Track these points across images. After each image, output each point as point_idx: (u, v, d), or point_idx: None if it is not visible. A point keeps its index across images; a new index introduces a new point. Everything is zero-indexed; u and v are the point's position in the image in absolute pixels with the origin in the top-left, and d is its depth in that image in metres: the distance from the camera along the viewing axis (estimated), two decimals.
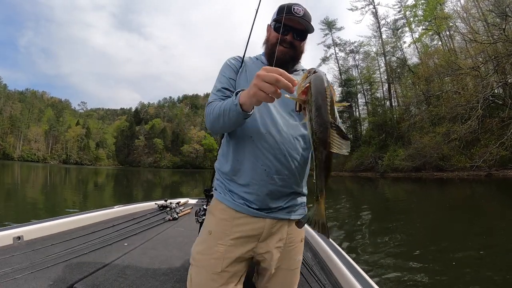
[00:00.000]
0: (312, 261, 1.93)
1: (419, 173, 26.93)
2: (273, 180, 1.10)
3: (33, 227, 2.12)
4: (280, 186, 1.11)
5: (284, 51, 1.16)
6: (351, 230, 6.42)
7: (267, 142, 1.10)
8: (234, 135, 1.16)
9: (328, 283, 1.64)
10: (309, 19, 1.15)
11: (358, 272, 1.55)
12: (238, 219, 1.11)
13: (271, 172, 1.09)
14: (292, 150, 1.12)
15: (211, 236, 1.12)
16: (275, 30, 1.18)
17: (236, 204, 1.11)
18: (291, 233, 1.18)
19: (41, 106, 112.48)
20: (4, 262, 1.65)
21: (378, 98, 47.02)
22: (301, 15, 1.12)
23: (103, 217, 2.79)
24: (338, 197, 12.38)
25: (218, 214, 1.15)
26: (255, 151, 1.10)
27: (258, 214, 1.10)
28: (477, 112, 20.98)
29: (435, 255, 4.37)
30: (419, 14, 36.94)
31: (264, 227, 1.10)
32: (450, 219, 7.15)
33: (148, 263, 1.83)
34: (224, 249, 1.08)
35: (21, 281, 1.44)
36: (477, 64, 22.46)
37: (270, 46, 1.20)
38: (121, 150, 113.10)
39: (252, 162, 1.11)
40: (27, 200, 10.19)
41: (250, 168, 1.11)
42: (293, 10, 1.12)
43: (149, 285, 1.54)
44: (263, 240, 1.12)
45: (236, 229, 1.10)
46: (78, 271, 1.61)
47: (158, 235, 2.44)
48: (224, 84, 1.18)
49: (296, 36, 1.16)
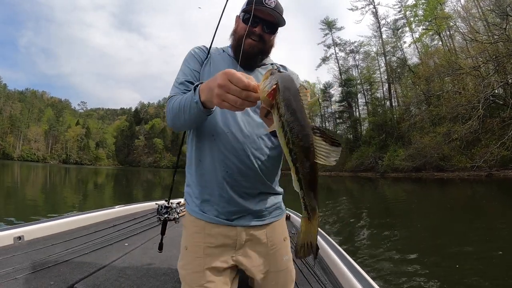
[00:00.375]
0: (313, 261, 1.92)
1: (419, 173, 26.94)
2: (237, 182, 1.04)
3: (33, 227, 2.11)
4: (246, 187, 1.06)
5: (253, 44, 1.08)
6: (351, 231, 6.40)
7: (229, 142, 1.03)
8: (195, 134, 1.11)
9: (328, 282, 1.63)
10: (280, 11, 1.07)
11: (358, 272, 1.54)
12: (210, 230, 1.06)
13: (233, 174, 1.04)
14: (256, 150, 1.05)
15: (187, 251, 1.08)
16: (244, 21, 1.09)
17: (204, 215, 1.07)
18: (270, 235, 1.12)
19: (41, 106, 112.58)
20: (5, 262, 1.65)
21: (378, 98, 47.01)
22: (273, 6, 1.05)
23: (104, 217, 2.78)
24: (338, 198, 12.40)
25: (190, 227, 1.11)
26: (217, 152, 1.04)
27: (228, 223, 1.06)
28: (478, 112, 20.89)
29: (436, 255, 4.33)
30: (420, 14, 36.88)
31: (236, 235, 1.06)
32: (450, 219, 7.11)
33: (148, 263, 1.83)
34: (202, 262, 1.03)
35: (22, 281, 1.44)
36: (478, 64, 22.32)
37: (238, 38, 1.11)
38: (121, 150, 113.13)
39: (214, 164, 1.05)
40: (27, 199, 10.18)
41: (212, 170, 1.05)
42: (264, 1, 1.04)
43: (150, 285, 1.54)
44: (240, 248, 1.07)
45: (209, 240, 1.06)
46: (79, 271, 1.61)
47: (159, 235, 2.47)
48: (188, 77, 1.10)
49: (266, 29, 1.08)
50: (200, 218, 1.08)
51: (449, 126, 24.39)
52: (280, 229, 1.17)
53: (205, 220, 1.07)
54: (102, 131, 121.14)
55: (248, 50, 1.08)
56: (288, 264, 1.16)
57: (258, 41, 1.08)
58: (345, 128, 52.42)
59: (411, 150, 28.73)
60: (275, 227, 1.15)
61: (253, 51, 1.09)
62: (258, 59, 1.15)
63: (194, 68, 1.12)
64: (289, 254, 1.17)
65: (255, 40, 1.08)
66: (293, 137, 0.59)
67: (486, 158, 19.95)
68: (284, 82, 0.62)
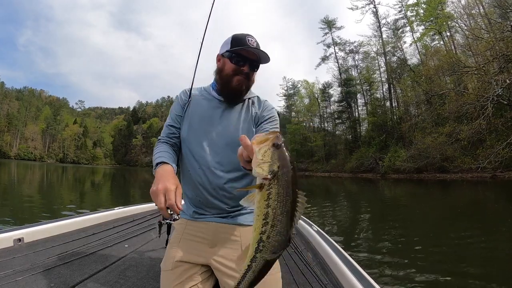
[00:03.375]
0: (313, 261, 1.94)
1: (421, 175, 26.68)
2: (209, 207, 1.22)
3: (33, 229, 2.13)
4: (217, 206, 1.22)
5: (241, 81, 1.20)
6: (351, 232, 6.35)
7: (200, 177, 1.21)
8: (180, 163, 1.31)
9: (329, 282, 1.63)
10: (262, 50, 1.19)
11: (359, 272, 1.53)
12: (189, 225, 1.23)
13: (204, 203, 1.22)
14: (224, 188, 1.20)
15: (169, 243, 1.26)
16: (231, 61, 1.20)
17: (185, 214, 1.28)
18: (245, 238, 1.19)
19: (38, 104, 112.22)
20: (5, 264, 1.65)
21: (378, 98, 46.90)
22: (255, 46, 1.18)
23: (104, 219, 2.80)
24: (337, 199, 12.25)
25: (176, 225, 1.29)
26: (192, 183, 1.23)
27: (201, 219, 1.22)
28: (487, 110, 20.58)
29: (437, 257, 4.29)
30: (421, 12, 36.65)
31: (210, 229, 1.19)
32: (453, 221, 7.03)
33: (148, 264, 1.84)
34: (176, 250, 1.17)
35: (22, 283, 1.45)
36: (489, 59, 21.81)
37: (226, 77, 1.22)
38: (119, 149, 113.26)
39: (190, 191, 1.26)
40: (23, 199, 10.10)
41: (190, 194, 1.26)
42: (248, 42, 1.17)
43: (150, 286, 1.55)
44: (214, 245, 1.16)
45: (186, 231, 1.22)
46: (79, 273, 1.62)
47: (159, 236, 2.50)
48: (172, 122, 1.31)
49: (252, 67, 1.21)
50: (183, 217, 1.31)
51: (453, 125, 23.99)
52: None
53: (186, 218, 1.30)
54: (99, 130, 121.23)
55: (237, 86, 1.21)
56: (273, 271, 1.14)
57: (245, 78, 1.21)
58: (344, 129, 52.30)
59: (412, 151, 28.47)
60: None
61: (241, 88, 1.22)
62: (243, 95, 1.27)
63: (177, 112, 1.31)
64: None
65: (243, 77, 1.20)
66: (271, 238, 0.61)
67: (491, 159, 19.67)
68: (286, 174, 0.60)
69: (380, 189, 19.05)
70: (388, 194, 15.97)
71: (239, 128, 1.24)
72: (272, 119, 1.30)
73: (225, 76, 1.22)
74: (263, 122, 1.28)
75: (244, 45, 1.16)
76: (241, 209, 1.23)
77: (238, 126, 1.24)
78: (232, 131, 1.22)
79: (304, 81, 59.59)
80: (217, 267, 1.12)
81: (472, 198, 12.48)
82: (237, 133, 1.20)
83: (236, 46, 1.17)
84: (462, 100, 23.15)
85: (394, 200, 12.89)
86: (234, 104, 1.28)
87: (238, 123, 1.25)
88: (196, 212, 1.23)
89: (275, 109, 1.36)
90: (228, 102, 1.26)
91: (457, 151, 23.72)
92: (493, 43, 21.37)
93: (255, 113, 1.28)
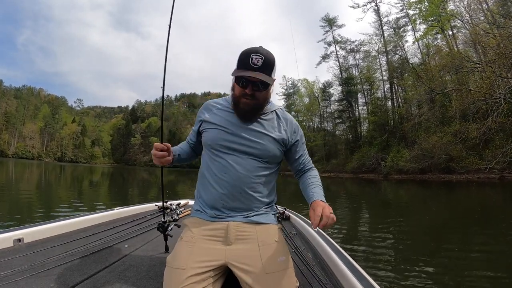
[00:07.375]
0: (313, 261, 1.91)
1: (425, 175, 26.30)
2: (229, 204, 1.25)
3: (33, 229, 2.11)
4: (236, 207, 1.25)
5: (247, 103, 1.23)
6: (351, 233, 6.23)
7: (220, 180, 1.24)
8: (201, 165, 1.38)
9: (329, 283, 1.59)
10: (268, 65, 1.19)
11: (359, 272, 1.48)
12: (205, 225, 1.24)
13: (222, 205, 1.24)
14: (249, 187, 1.25)
15: (181, 240, 1.23)
16: (238, 83, 1.23)
17: (202, 214, 1.29)
18: (261, 235, 1.21)
19: (37, 102, 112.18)
20: (5, 264, 1.63)
21: (380, 97, 46.69)
22: (260, 64, 1.16)
23: (103, 219, 2.78)
24: (337, 200, 12.06)
25: (189, 224, 1.28)
26: (210, 185, 1.27)
27: (216, 220, 1.24)
28: (501, 107, 20.10)
29: (440, 259, 4.25)
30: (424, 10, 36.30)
31: (227, 229, 1.19)
32: (457, 223, 6.97)
33: (149, 265, 1.81)
34: (190, 249, 1.15)
35: (22, 284, 1.44)
36: (503, 53, 21.16)
37: (236, 98, 1.26)
38: (117, 148, 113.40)
39: (207, 192, 1.29)
40: (22, 198, 10.05)
41: (208, 193, 1.29)
42: (250, 61, 1.16)
43: (150, 287, 1.51)
44: (230, 244, 1.17)
45: (203, 230, 1.22)
46: (78, 273, 1.60)
47: (159, 237, 2.43)
48: (191, 135, 1.49)
49: (255, 88, 1.21)
50: (198, 217, 1.32)
51: (461, 124, 23.50)
52: (270, 231, 1.26)
53: (202, 218, 1.32)
54: (98, 129, 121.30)
55: (245, 108, 1.24)
56: (283, 266, 1.16)
57: (251, 99, 1.22)
58: (345, 128, 52.07)
59: (416, 150, 28.07)
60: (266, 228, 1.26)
61: (249, 108, 1.24)
62: (254, 114, 1.28)
63: (195, 129, 1.45)
64: (283, 257, 1.20)
65: (249, 99, 1.22)
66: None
67: (499, 159, 19.26)
68: None
69: (382, 190, 18.80)
70: (391, 195, 15.75)
71: (262, 135, 1.28)
72: (302, 140, 1.42)
73: (235, 98, 1.27)
74: (295, 144, 1.39)
75: (247, 66, 1.17)
76: (258, 210, 1.27)
77: (262, 134, 1.28)
78: (255, 137, 1.26)
79: (304, 80, 59.38)
80: (233, 264, 1.12)
81: (479, 199, 12.17)
82: (259, 139, 1.27)
83: (241, 67, 1.19)
84: (473, 97, 22.70)
85: (397, 202, 12.74)
86: (251, 121, 1.29)
87: (261, 130, 1.30)
88: (213, 214, 1.25)
89: (298, 125, 1.43)
90: (243, 121, 1.28)
91: (463, 151, 23.30)
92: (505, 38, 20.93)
93: (280, 126, 1.34)
